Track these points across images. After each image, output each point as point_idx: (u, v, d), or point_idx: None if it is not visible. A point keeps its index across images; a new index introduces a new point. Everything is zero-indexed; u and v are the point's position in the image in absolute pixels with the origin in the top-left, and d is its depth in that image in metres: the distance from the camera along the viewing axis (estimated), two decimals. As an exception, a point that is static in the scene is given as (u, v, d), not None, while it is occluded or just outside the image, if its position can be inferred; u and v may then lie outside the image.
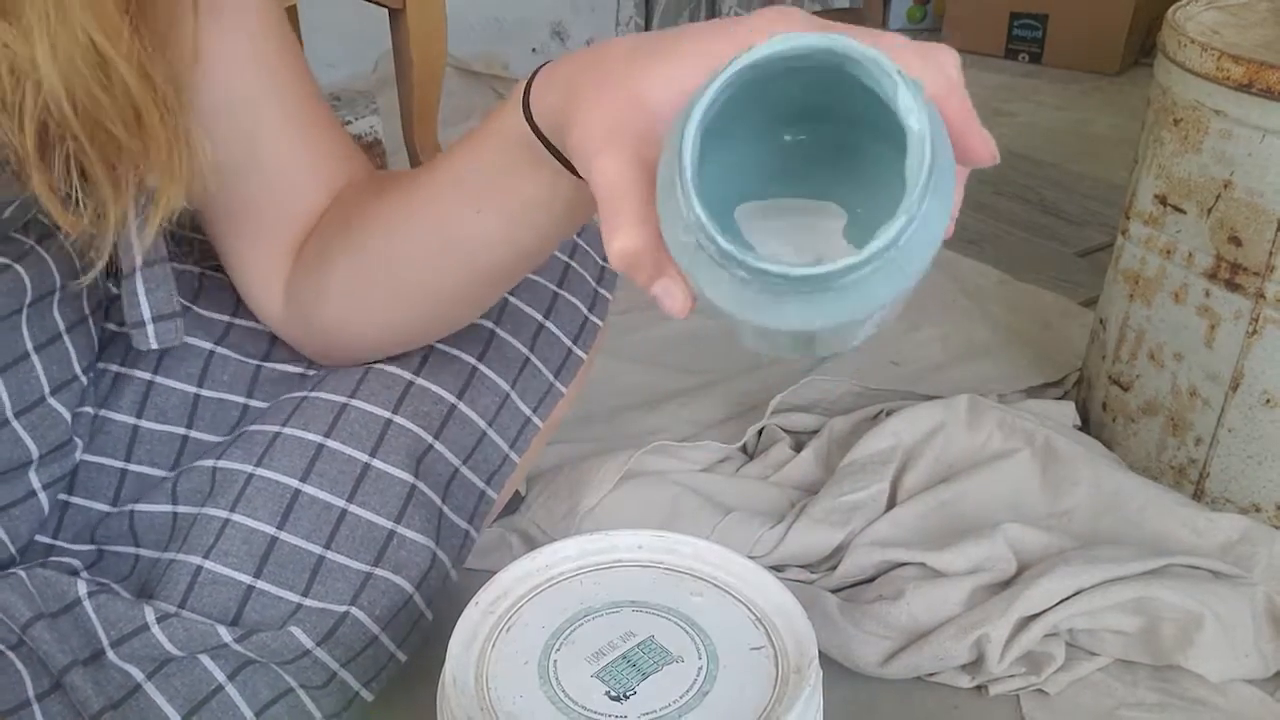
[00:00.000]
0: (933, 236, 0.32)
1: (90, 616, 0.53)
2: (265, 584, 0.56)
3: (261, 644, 0.54)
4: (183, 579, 0.56)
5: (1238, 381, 0.86)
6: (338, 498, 0.58)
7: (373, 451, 0.60)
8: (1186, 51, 0.84)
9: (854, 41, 0.32)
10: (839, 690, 0.75)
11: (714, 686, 0.47)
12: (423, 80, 1.25)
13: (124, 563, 0.60)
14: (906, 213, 0.30)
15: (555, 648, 0.49)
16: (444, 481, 0.63)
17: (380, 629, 0.58)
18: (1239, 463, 0.89)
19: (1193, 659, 0.74)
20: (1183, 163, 0.86)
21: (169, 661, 0.53)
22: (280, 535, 0.57)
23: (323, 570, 0.57)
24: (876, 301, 0.33)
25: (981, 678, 0.75)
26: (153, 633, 0.52)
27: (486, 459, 0.65)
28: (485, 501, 0.65)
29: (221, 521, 0.57)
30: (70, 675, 0.51)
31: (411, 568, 0.59)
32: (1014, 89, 2.04)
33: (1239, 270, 0.84)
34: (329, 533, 0.58)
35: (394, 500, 0.59)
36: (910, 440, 0.93)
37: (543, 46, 2.10)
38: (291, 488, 0.58)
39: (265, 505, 0.57)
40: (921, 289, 0.36)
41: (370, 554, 0.58)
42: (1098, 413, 1.01)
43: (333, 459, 0.59)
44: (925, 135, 0.30)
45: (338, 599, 0.57)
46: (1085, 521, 0.87)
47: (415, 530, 0.60)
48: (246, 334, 0.65)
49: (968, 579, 0.78)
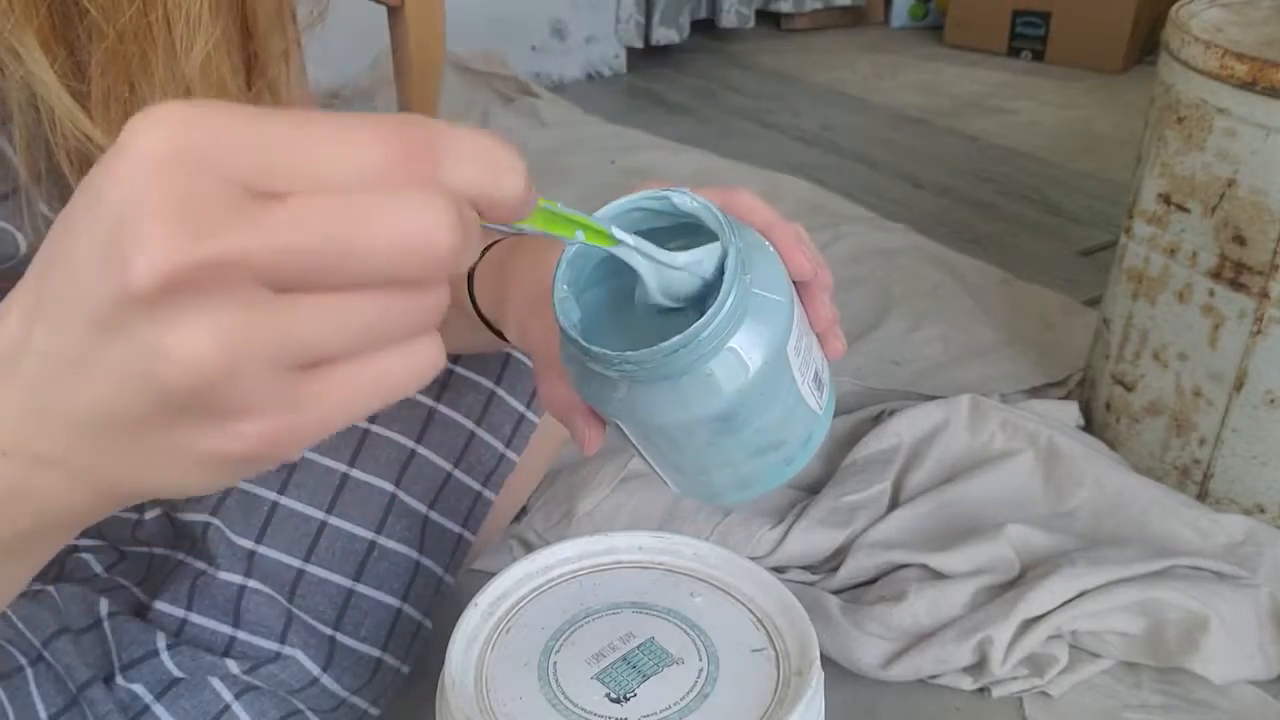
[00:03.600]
0: (766, 335, 0.38)
1: (108, 637, 0.53)
2: (255, 583, 0.56)
3: (270, 675, 0.54)
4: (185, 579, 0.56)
5: (1241, 381, 0.86)
6: (317, 510, 0.58)
7: (351, 461, 0.60)
8: (1190, 49, 0.84)
9: (671, 195, 0.39)
10: (840, 692, 0.74)
11: (715, 688, 0.46)
12: (421, 78, 1.25)
13: (140, 562, 0.60)
14: (716, 305, 0.36)
15: (555, 649, 0.48)
16: (435, 487, 0.63)
17: (380, 650, 0.58)
18: (1243, 463, 0.88)
19: (1197, 661, 0.74)
20: (1186, 161, 0.86)
21: (177, 682, 0.53)
22: (258, 549, 0.57)
23: (303, 584, 0.57)
24: (724, 393, 0.38)
25: (984, 680, 0.74)
26: (161, 659, 0.53)
27: (480, 459, 0.65)
28: (482, 503, 0.65)
29: (202, 526, 0.57)
30: (90, 690, 0.51)
31: (394, 580, 0.59)
32: (1016, 87, 2.04)
33: (1243, 270, 0.84)
34: (308, 546, 0.58)
35: (374, 511, 0.59)
36: (912, 440, 0.92)
37: (542, 44, 2.10)
38: (269, 500, 0.58)
39: (243, 519, 0.57)
40: (923, 288, 0.37)
41: (350, 567, 0.58)
42: (1101, 413, 1.01)
43: (310, 469, 0.59)
44: (725, 246, 0.37)
45: (322, 618, 0.57)
46: (1088, 522, 0.87)
47: (396, 540, 0.60)
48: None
49: (970, 580, 0.78)
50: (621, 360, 0.37)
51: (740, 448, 0.42)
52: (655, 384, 0.38)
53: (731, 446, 0.41)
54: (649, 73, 2.19)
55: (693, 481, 0.45)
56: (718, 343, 0.37)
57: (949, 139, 1.82)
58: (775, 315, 0.39)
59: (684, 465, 0.43)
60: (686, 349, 0.36)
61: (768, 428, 0.41)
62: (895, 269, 1.30)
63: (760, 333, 0.38)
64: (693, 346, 0.36)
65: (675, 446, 0.42)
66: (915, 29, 2.43)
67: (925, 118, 1.91)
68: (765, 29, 2.45)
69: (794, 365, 0.41)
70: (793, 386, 0.41)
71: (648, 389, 0.38)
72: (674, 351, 0.36)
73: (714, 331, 0.36)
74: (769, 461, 0.43)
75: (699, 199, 0.38)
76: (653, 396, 0.39)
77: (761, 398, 0.39)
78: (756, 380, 0.38)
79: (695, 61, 2.26)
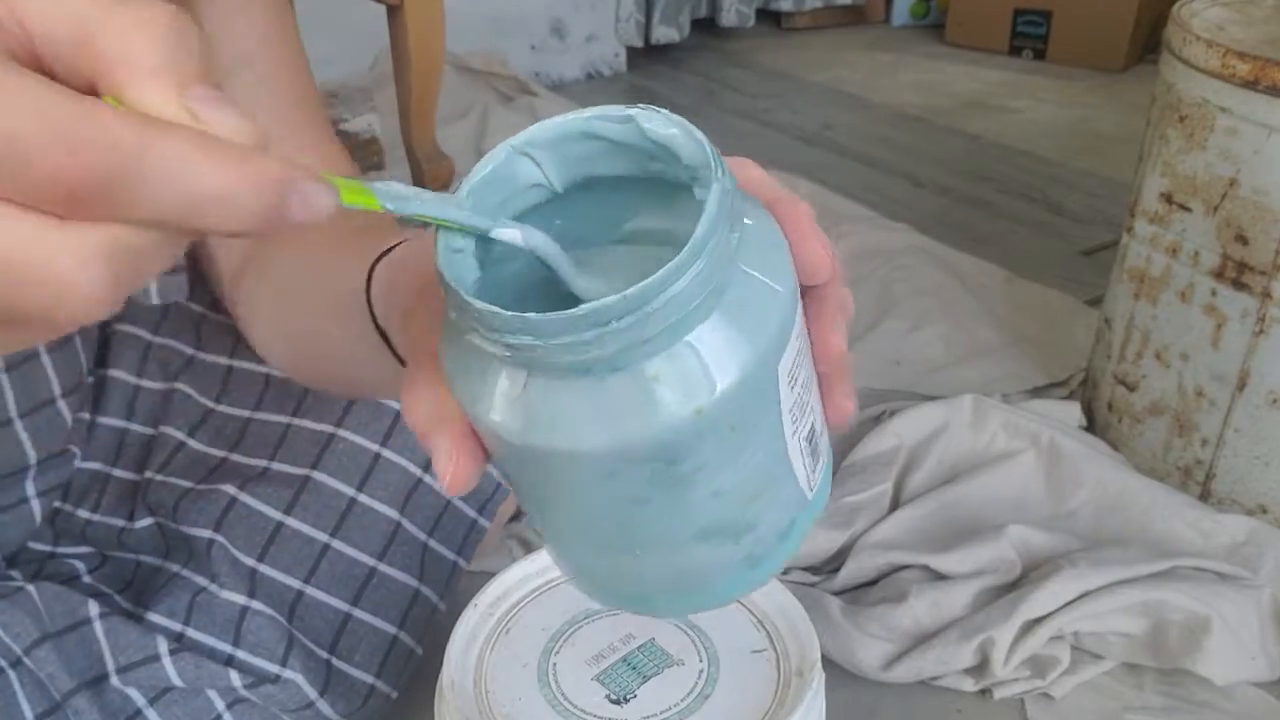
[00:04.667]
0: (750, 336, 0.25)
1: (99, 639, 0.52)
2: (259, 604, 0.56)
3: (268, 694, 0.54)
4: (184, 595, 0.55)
5: (1244, 381, 0.86)
6: (321, 533, 0.58)
7: (359, 486, 0.59)
8: (1192, 48, 0.83)
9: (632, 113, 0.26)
10: (841, 694, 0.74)
11: (715, 690, 0.46)
12: (421, 77, 1.24)
13: (125, 568, 0.60)
14: (676, 264, 0.23)
15: (555, 650, 0.48)
16: (434, 514, 0.62)
17: (374, 677, 0.58)
18: (1245, 463, 0.88)
19: (1199, 662, 0.74)
20: (1188, 160, 0.85)
21: (171, 689, 0.53)
22: (259, 567, 0.57)
23: (302, 605, 0.57)
24: (670, 413, 0.24)
25: (986, 681, 0.74)
26: (162, 664, 0.52)
27: (479, 487, 0.65)
28: (477, 530, 0.65)
29: (206, 542, 0.56)
30: (75, 700, 0.51)
31: (391, 608, 0.59)
32: (1018, 86, 2.03)
33: (1245, 269, 0.83)
34: (309, 568, 0.57)
35: (377, 537, 0.59)
36: (913, 441, 0.92)
37: (542, 43, 2.10)
38: (275, 520, 0.57)
39: (247, 535, 0.57)
40: (924, 288, 0.34)
41: (349, 592, 0.58)
42: (1103, 413, 1.00)
43: (318, 492, 0.58)
44: (708, 183, 0.25)
45: (319, 641, 0.57)
46: (1090, 523, 0.87)
47: (397, 568, 0.59)
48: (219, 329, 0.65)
49: (972, 581, 0.78)
50: (518, 326, 0.23)
51: (682, 516, 0.27)
52: (567, 380, 0.24)
53: (669, 511, 0.27)
54: (649, 71, 2.19)
55: (600, 565, 0.29)
56: (671, 326, 0.24)
57: (950, 138, 1.81)
58: (768, 311, 0.25)
59: (591, 534, 0.28)
60: (621, 324, 0.23)
61: (731, 493, 0.27)
62: (896, 268, 1.30)
63: (741, 331, 0.25)
64: (632, 323, 0.23)
65: (580, 498, 0.27)
66: (916, 28, 2.43)
67: (926, 117, 1.90)
68: (765, 28, 2.45)
69: (784, 400, 0.27)
70: (777, 434, 0.27)
71: (554, 387, 0.24)
72: (601, 323, 0.23)
73: (669, 304, 0.23)
74: (723, 556, 0.28)
75: (678, 120, 0.26)
76: (560, 399, 0.25)
77: (729, 438, 0.26)
78: (725, 404, 0.25)
79: (695, 60, 2.25)
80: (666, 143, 0.26)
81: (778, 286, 0.26)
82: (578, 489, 0.26)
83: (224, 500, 0.57)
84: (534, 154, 0.27)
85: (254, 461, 0.60)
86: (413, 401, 0.29)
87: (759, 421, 0.26)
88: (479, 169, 0.27)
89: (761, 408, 0.26)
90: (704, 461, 0.26)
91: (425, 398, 0.29)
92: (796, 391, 0.27)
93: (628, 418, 0.24)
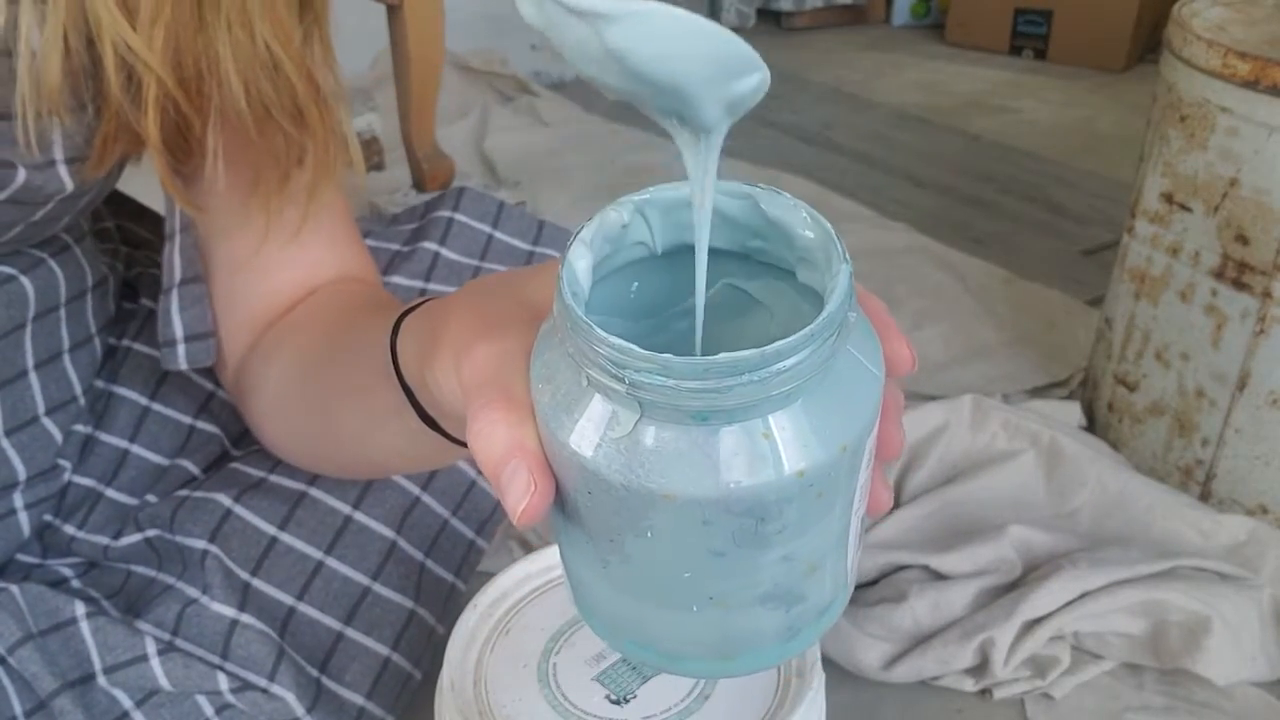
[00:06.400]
0: (852, 412, 0.27)
1: (85, 638, 0.52)
2: (249, 617, 0.55)
3: (254, 702, 0.53)
4: (174, 606, 0.55)
5: (1244, 382, 0.86)
6: (316, 549, 0.58)
7: (355, 504, 0.59)
8: (1192, 48, 0.83)
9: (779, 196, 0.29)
10: (841, 694, 0.74)
11: (715, 690, 0.46)
12: (421, 77, 1.24)
13: (116, 576, 0.59)
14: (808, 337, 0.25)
15: (554, 651, 0.48)
16: (431, 534, 0.62)
17: (364, 698, 0.57)
18: (1246, 464, 0.88)
19: (1199, 662, 0.74)
20: (1189, 160, 0.85)
21: (159, 692, 0.53)
22: (253, 581, 0.56)
23: (293, 622, 0.56)
24: (777, 470, 0.26)
25: (986, 681, 0.74)
26: (150, 665, 0.52)
27: (477, 507, 0.64)
28: (475, 551, 0.65)
29: (200, 553, 0.56)
30: (59, 700, 0.50)
31: (385, 628, 0.59)
32: (1018, 85, 2.03)
33: (1246, 269, 0.83)
34: (302, 584, 0.57)
35: (373, 556, 0.59)
36: (914, 441, 0.92)
37: (542, 43, 2.09)
38: (269, 535, 0.57)
39: (242, 549, 0.57)
40: (924, 288, 0.35)
41: (342, 611, 0.58)
42: (1103, 413, 1.00)
43: (314, 508, 0.58)
44: (839, 264, 0.27)
45: (310, 659, 0.56)
46: (1091, 523, 0.87)
47: (392, 589, 0.59)
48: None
49: (972, 581, 0.78)
50: (652, 365, 0.24)
51: (750, 575, 0.28)
52: (682, 425, 0.26)
53: (741, 568, 0.28)
54: (650, 72, 2.19)
55: (648, 614, 0.30)
56: (792, 389, 0.25)
57: (950, 138, 1.81)
58: (869, 392, 0.27)
59: (657, 579, 0.29)
60: (751, 377, 0.24)
61: (798, 560, 0.28)
62: (896, 268, 1.30)
63: (845, 405, 0.27)
64: (760, 378, 0.24)
65: (662, 541, 0.28)
66: (916, 27, 2.43)
67: (926, 116, 1.90)
68: (766, 27, 2.45)
69: (860, 479, 0.29)
70: (848, 510, 0.29)
71: (667, 430, 0.26)
72: (735, 374, 0.24)
73: (795, 368, 0.25)
74: (771, 622, 0.30)
75: (803, 204, 0.28)
76: (671, 444, 0.26)
77: (814, 505, 0.27)
78: (824, 471, 0.26)
79: (696, 60, 2.25)
80: (785, 225, 0.28)
81: (876, 371, 0.28)
82: (663, 533, 0.27)
83: (219, 511, 0.57)
84: (648, 214, 0.30)
85: (253, 471, 0.60)
86: (487, 431, 0.30)
87: (840, 494, 0.28)
88: (601, 219, 0.29)
89: (845, 482, 0.28)
90: (786, 524, 0.27)
91: (501, 428, 0.29)
92: (867, 474, 0.29)
93: (735, 470, 0.26)
